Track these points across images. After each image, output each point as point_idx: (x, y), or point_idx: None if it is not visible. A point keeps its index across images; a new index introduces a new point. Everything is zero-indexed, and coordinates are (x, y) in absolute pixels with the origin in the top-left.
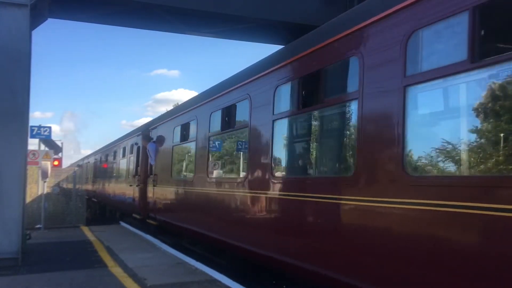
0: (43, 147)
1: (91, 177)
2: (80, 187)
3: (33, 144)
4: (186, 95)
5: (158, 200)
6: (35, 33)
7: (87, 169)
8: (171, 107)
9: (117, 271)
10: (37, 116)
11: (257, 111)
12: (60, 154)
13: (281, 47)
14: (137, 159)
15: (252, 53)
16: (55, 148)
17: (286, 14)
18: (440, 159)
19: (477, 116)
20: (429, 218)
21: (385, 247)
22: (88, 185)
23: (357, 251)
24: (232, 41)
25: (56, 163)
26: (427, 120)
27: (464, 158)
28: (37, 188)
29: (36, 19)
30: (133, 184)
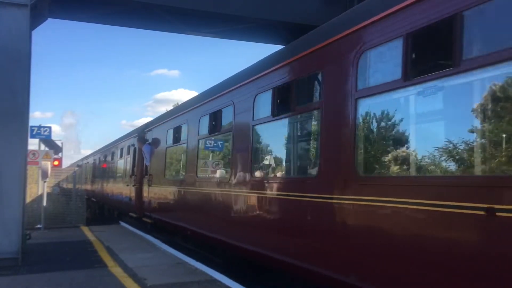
0: (43, 147)
1: (90, 177)
2: (79, 187)
3: (33, 144)
4: (186, 95)
5: (152, 199)
6: (35, 33)
7: (86, 169)
8: (171, 107)
9: (117, 271)
10: (37, 116)
11: (239, 117)
12: (60, 154)
13: (281, 47)
14: (134, 160)
15: (252, 53)
16: (55, 148)
17: (286, 14)
18: (383, 161)
19: (409, 125)
20: (374, 212)
21: (343, 238)
22: (87, 185)
23: (320, 241)
24: (232, 41)
25: (56, 163)
26: (373, 128)
27: (399, 161)
28: (37, 188)
29: (36, 19)
30: (129, 184)
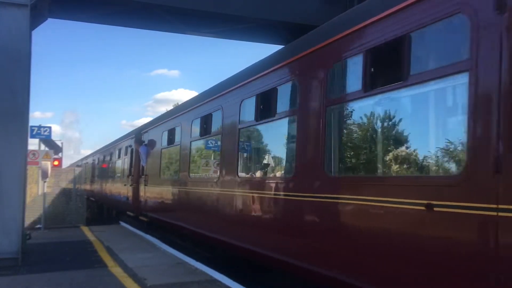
0: (43, 147)
1: (89, 177)
2: (79, 186)
3: (33, 144)
4: (186, 95)
5: (148, 199)
6: (35, 33)
7: (85, 169)
8: (171, 107)
9: (117, 271)
10: (37, 116)
11: (227, 121)
12: (60, 154)
13: (281, 47)
14: (131, 160)
15: (252, 53)
16: (55, 148)
17: (286, 14)
18: (348, 162)
19: (370, 130)
20: (341, 208)
21: (316, 232)
22: (87, 185)
23: (296, 235)
24: (232, 41)
25: (56, 163)
26: (338, 133)
27: (361, 162)
28: (37, 188)
29: (36, 19)
30: (127, 184)
